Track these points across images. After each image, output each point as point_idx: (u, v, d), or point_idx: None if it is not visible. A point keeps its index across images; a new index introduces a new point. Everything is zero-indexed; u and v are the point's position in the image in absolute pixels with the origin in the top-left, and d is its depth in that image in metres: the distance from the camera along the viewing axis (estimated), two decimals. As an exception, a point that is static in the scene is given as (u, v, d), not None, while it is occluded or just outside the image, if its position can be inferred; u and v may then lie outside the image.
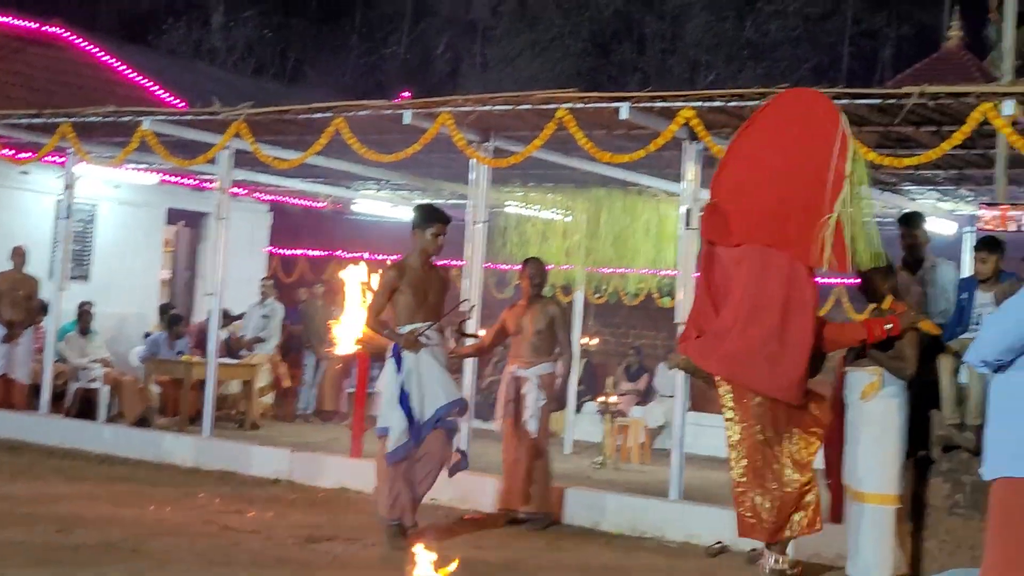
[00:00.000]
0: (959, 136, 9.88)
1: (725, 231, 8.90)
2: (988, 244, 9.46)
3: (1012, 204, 10.04)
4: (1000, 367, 5.06)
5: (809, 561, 9.82)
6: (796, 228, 8.60)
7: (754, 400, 8.74)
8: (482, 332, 12.05)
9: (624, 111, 11.11)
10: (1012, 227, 9.86)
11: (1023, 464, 4.92)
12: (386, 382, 9.66)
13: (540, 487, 11.15)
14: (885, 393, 8.84)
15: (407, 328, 9.60)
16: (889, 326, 8.62)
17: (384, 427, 9.57)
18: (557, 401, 11.72)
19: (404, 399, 9.45)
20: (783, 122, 8.92)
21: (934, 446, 9.32)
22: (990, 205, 10.21)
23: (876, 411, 8.86)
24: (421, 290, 9.67)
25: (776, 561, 8.96)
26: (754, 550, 10.10)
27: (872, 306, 9.20)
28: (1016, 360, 4.99)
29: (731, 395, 8.88)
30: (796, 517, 8.87)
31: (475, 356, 12.17)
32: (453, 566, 7.38)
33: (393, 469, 9.52)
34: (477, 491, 11.68)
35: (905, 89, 10.13)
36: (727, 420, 8.95)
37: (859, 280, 9.21)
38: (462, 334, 11.17)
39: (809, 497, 8.86)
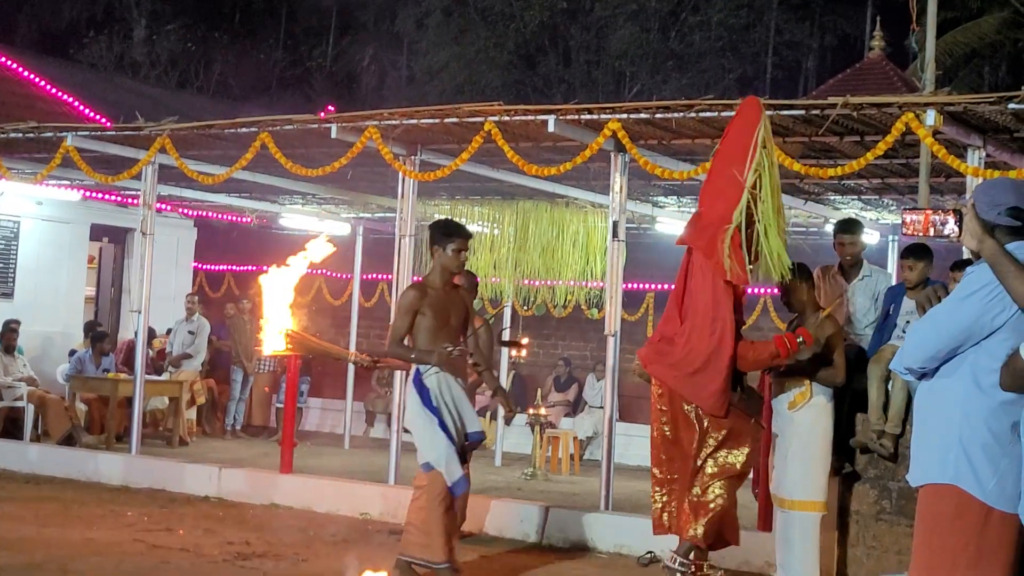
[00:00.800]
0: (882, 146, 10.01)
1: (685, 237, 8.87)
2: (915, 251, 9.52)
3: (934, 209, 10.11)
4: (924, 374, 5.12)
5: (739, 569, 9.89)
6: (714, 238, 8.51)
7: (684, 406, 8.66)
8: (525, 341, 11.77)
9: (551, 124, 11.15)
10: (931, 231, 9.93)
11: (948, 470, 4.97)
12: (414, 414, 8.84)
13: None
14: (813, 402, 8.88)
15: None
16: (800, 339, 8.56)
17: (429, 462, 8.75)
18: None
19: (443, 425, 8.77)
20: (731, 128, 8.93)
21: (856, 451, 9.38)
22: (913, 210, 10.26)
23: (804, 420, 8.89)
24: (444, 311, 8.95)
25: (672, 560, 8.70)
26: (650, 552, 10.17)
27: (794, 317, 9.22)
28: (940, 367, 5.05)
29: (663, 398, 8.76)
30: (701, 523, 8.63)
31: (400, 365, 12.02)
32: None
33: (442, 504, 8.71)
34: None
35: (829, 100, 10.24)
36: (653, 422, 8.89)
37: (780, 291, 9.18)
38: (503, 343, 10.84)
39: (712, 505, 8.66)
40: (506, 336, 11.21)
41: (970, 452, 4.91)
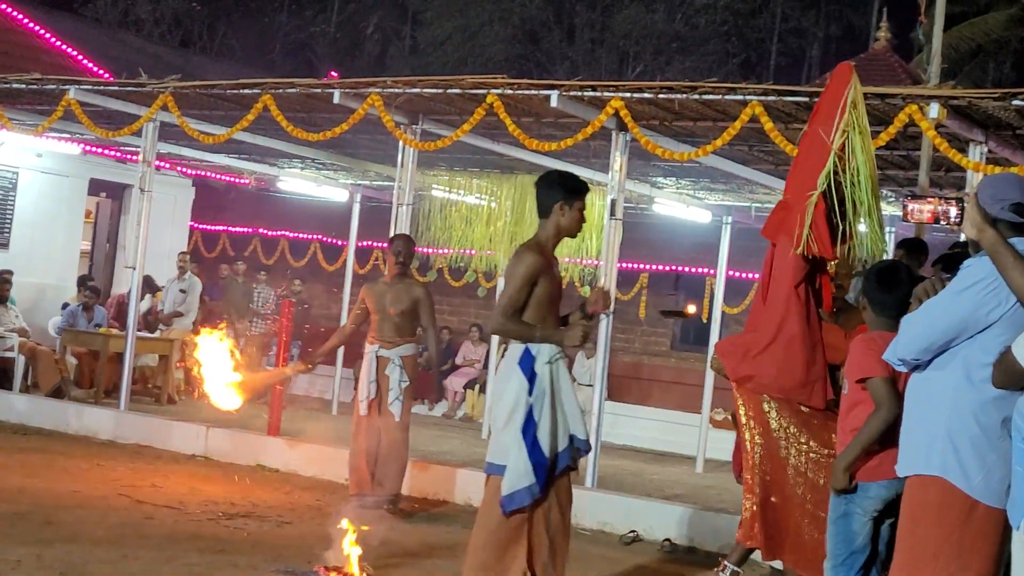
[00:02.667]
0: (884, 137, 10.01)
1: (767, 227, 7.90)
2: (908, 245, 9.50)
3: (939, 197, 10.08)
4: (918, 366, 5.14)
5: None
6: (795, 211, 7.56)
7: (763, 403, 7.62)
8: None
9: (554, 99, 11.14)
10: (941, 220, 9.88)
11: (934, 462, 5.00)
12: (508, 402, 7.06)
13: (399, 470, 10.73)
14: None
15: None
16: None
17: (499, 464, 7.08)
18: (433, 390, 11.10)
19: (529, 429, 7.07)
20: (821, 101, 7.96)
21: None
22: (916, 198, 10.19)
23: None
24: (556, 282, 7.31)
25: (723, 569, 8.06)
26: (667, 540, 10.20)
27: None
28: (933, 359, 5.08)
29: (741, 399, 7.75)
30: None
31: (343, 344, 11.89)
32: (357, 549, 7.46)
33: (508, 523, 7.01)
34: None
35: (833, 88, 10.21)
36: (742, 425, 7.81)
37: None
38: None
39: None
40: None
41: (958, 445, 4.95)
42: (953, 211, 9.61)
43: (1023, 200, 5.00)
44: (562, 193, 7.27)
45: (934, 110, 9.67)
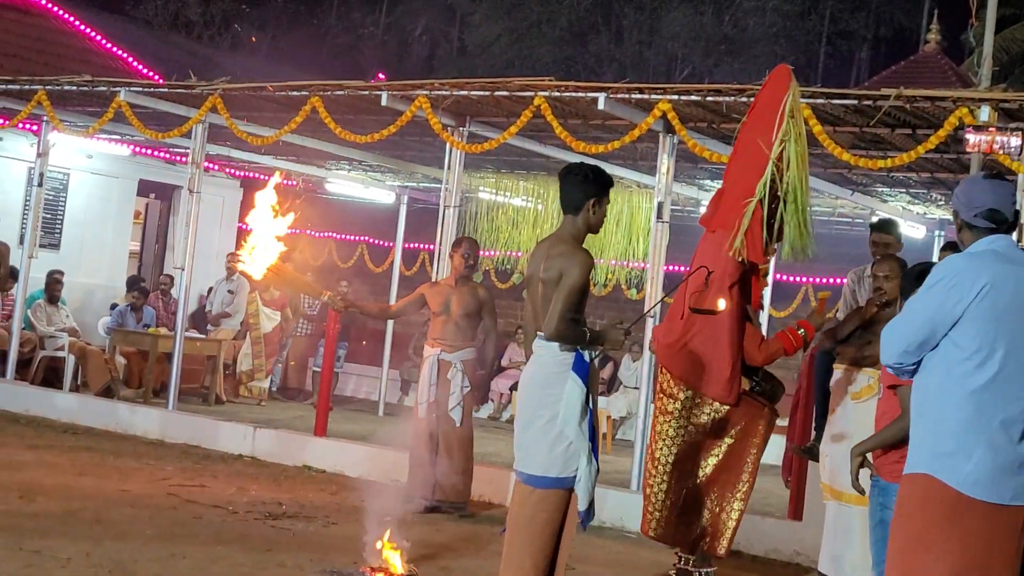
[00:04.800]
0: (934, 140, 9.96)
1: (707, 216, 8.39)
2: (955, 247, 9.35)
3: (998, 128, 9.85)
4: (916, 372, 5.15)
5: (766, 556, 9.91)
6: (733, 214, 7.93)
7: (683, 394, 8.06)
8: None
9: (602, 101, 11.14)
10: (1001, 150, 9.71)
11: (923, 459, 5.01)
12: (573, 408, 6.71)
13: (464, 477, 10.72)
14: (876, 395, 8.58)
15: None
16: (802, 331, 8.10)
17: (555, 476, 6.75)
18: (480, 391, 11.12)
19: (595, 437, 6.84)
20: (759, 99, 8.40)
21: None
22: (977, 129, 9.94)
23: (869, 413, 8.56)
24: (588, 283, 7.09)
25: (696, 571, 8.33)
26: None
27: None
28: (925, 363, 5.10)
29: (666, 385, 8.17)
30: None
31: (375, 318, 11.74)
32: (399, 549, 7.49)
33: (551, 533, 6.80)
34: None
35: (883, 91, 10.19)
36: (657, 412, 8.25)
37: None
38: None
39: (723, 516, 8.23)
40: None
41: (943, 441, 4.96)
42: (1015, 141, 9.49)
43: (995, 206, 5.07)
44: (595, 189, 7.13)
45: (984, 113, 9.61)
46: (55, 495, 9.64)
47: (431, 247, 13.03)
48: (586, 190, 7.12)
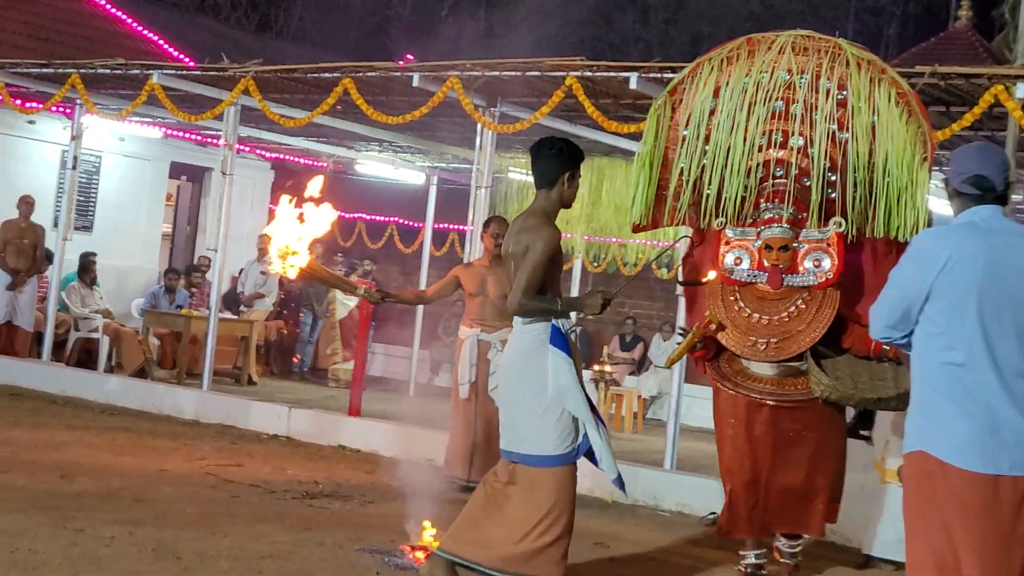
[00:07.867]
0: (969, 117, 9.95)
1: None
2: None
3: None
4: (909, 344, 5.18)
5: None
6: None
7: None
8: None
9: (633, 80, 11.16)
10: None
11: (912, 436, 5.03)
12: (564, 381, 6.89)
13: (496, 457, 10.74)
14: None
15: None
16: None
17: (575, 447, 7.07)
18: None
19: (592, 404, 7.08)
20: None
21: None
22: None
23: None
24: (561, 258, 7.22)
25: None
26: (712, 513, 10.15)
27: None
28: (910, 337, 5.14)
29: None
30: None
31: (411, 304, 11.70)
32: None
33: (572, 516, 7.18)
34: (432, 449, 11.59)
35: (916, 68, 10.17)
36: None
37: None
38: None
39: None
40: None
41: (929, 414, 4.98)
42: None
43: (980, 171, 5.07)
44: (571, 163, 7.08)
45: (1020, 90, 9.59)
46: (95, 475, 9.74)
47: (461, 228, 13.07)
48: (562, 163, 7.05)
